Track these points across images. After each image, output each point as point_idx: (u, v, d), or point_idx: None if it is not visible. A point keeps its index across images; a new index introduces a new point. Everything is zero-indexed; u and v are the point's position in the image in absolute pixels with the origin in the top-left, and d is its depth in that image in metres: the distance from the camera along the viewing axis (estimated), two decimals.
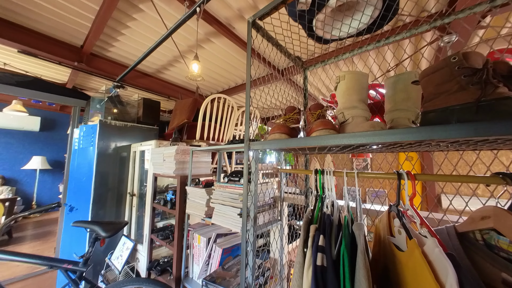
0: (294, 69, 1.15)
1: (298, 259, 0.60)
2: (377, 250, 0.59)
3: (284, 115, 0.83)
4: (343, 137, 0.51)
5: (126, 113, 2.50)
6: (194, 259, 1.35)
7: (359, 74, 0.67)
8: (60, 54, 2.12)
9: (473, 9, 0.66)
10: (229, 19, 1.83)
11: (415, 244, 0.42)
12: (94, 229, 1.21)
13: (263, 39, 0.86)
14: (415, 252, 0.41)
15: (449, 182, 0.49)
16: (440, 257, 0.37)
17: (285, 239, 1.16)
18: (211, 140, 2.00)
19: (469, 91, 0.42)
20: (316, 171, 0.71)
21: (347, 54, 0.99)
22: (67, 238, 2.07)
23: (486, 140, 0.40)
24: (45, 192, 4.60)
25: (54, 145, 4.76)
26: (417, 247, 0.41)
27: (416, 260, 0.40)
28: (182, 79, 3.05)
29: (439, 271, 0.37)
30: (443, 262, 0.36)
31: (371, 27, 0.81)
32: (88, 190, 1.92)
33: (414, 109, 0.64)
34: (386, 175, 0.59)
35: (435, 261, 0.38)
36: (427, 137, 0.39)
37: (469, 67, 0.43)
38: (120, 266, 1.57)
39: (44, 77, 2.90)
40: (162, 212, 2.10)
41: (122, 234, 1.88)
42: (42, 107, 4.52)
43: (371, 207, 0.89)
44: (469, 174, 0.49)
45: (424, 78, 0.51)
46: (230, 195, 1.07)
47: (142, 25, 1.94)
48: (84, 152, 2.08)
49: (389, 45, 0.91)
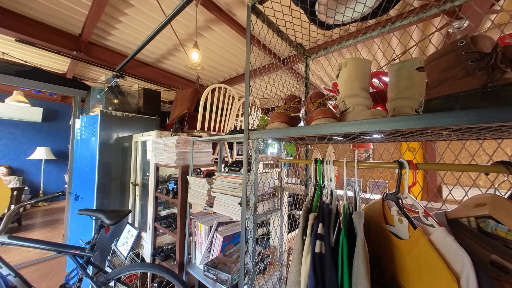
0: (296, 58, 1.12)
1: (297, 246, 0.61)
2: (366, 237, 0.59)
3: (284, 104, 0.82)
4: (342, 125, 0.50)
5: (126, 104, 2.49)
6: (196, 246, 1.39)
7: (362, 61, 0.65)
8: (58, 43, 2.09)
9: None
10: (229, 5, 1.76)
11: (421, 233, 0.42)
12: (99, 216, 1.25)
13: (263, 25, 0.83)
14: (422, 240, 0.41)
15: (450, 173, 0.49)
16: (454, 246, 0.36)
17: (284, 228, 1.18)
18: (212, 130, 2.00)
19: (475, 77, 0.40)
20: (316, 161, 0.71)
21: (351, 41, 0.95)
22: (74, 225, 2.14)
23: (489, 128, 0.39)
24: (52, 182, 4.71)
25: (57, 135, 4.81)
26: (423, 235, 0.41)
27: (424, 248, 0.40)
28: (182, 69, 3.01)
29: (450, 260, 0.36)
30: (457, 251, 0.35)
31: (376, 11, 0.77)
32: (92, 180, 1.96)
33: (417, 97, 0.63)
34: (387, 164, 0.58)
35: (445, 250, 0.38)
36: (429, 124, 0.38)
37: (477, 52, 0.41)
38: (125, 252, 1.63)
39: (43, 67, 2.87)
40: (165, 201, 2.15)
41: (126, 222, 1.93)
42: (43, 98, 4.52)
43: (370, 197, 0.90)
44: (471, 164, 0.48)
45: (429, 64, 0.49)
46: (230, 184, 1.08)
47: (140, 12, 1.88)
48: (86, 142, 2.10)
49: (394, 31, 0.88)
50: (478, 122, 0.33)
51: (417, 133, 0.53)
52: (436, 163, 0.51)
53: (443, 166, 0.50)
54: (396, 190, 0.51)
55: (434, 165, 0.51)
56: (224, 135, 1.15)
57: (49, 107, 4.67)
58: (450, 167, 0.49)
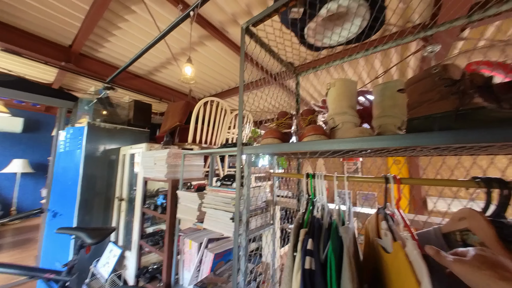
0: (287, 74, 1.17)
1: (288, 263, 0.60)
2: (367, 251, 0.60)
3: (276, 120, 0.84)
4: (333, 143, 0.52)
5: (116, 115, 2.44)
6: (184, 265, 1.32)
7: (349, 81, 0.70)
8: (47, 54, 2.05)
9: (452, 23, 0.71)
10: (222, 23, 1.85)
11: (399, 246, 0.44)
12: (80, 235, 1.17)
13: (256, 45, 0.88)
14: (399, 253, 0.43)
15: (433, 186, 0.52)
16: (418, 258, 0.40)
17: (277, 243, 1.16)
18: (204, 143, 1.99)
19: (449, 100, 0.45)
20: (308, 175, 0.73)
21: (338, 61, 1.02)
22: (49, 245, 1.97)
23: (464, 147, 0.43)
24: (27, 197, 4.36)
25: (37, 147, 4.55)
26: (401, 249, 0.43)
27: (401, 261, 0.42)
28: (174, 81, 3.03)
29: (417, 271, 0.40)
30: (419, 263, 0.39)
31: (360, 37, 0.85)
32: (73, 195, 1.85)
33: (400, 116, 0.67)
34: (374, 179, 0.61)
35: (413, 261, 0.41)
36: (412, 143, 0.41)
37: (449, 78, 0.45)
38: (106, 274, 1.51)
39: (28, 77, 2.78)
40: (152, 217, 2.05)
41: (109, 241, 1.81)
42: (26, 108, 4.33)
43: (361, 210, 0.92)
44: (450, 178, 0.52)
45: (409, 86, 0.53)
46: (222, 199, 1.06)
47: (134, 27, 1.91)
48: (70, 155, 2.00)
49: (376, 54, 0.95)
50: (454, 143, 0.37)
51: (401, 150, 0.56)
52: (419, 178, 0.54)
53: (426, 181, 0.53)
54: (384, 204, 0.53)
55: (417, 180, 0.54)
56: (216, 149, 1.15)
57: (31, 117, 4.45)
58: (431, 182, 0.52)
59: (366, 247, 0.62)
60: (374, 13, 0.71)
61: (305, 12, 0.73)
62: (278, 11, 0.70)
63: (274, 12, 0.71)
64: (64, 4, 1.64)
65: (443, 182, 0.49)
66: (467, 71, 0.47)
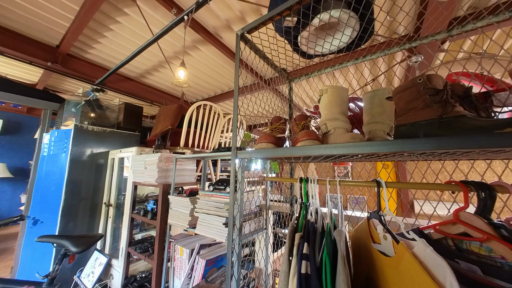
0: (280, 80, 1.20)
1: (284, 268, 0.60)
2: (358, 260, 0.60)
3: (270, 125, 0.85)
4: (326, 148, 0.54)
5: (105, 118, 2.37)
6: (175, 273, 1.28)
7: (340, 89, 0.73)
8: (32, 53, 1.98)
9: (434, 36, 0.76)
10: (216, 28, 1.86)
11: (404, 247, 0.43)
12: (63, 244, 1.11)
13: (250, 51, 0.89)
14: (406, 254, 0.42)
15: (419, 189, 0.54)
16: (433, 256, 0.38)
17: (270, 248, 1.16)
18: (196, 147, 1.97)
19: (433, 109, 0.48)
20: (301, 180, 0.74)
21: (329, 69, 1.06)
22: (28, 255, 1.85)
23: (447, 152, 0.46)
24: (3, 204, 4.09)
25: (17, 150, 4.30)
26: (406, 249, 0.42)
27: (408, 262, 0.41)
28: (167, 85, 2.99)
29: (433, 270, 0.37)
30: (438, 261, 0.37)
31: (350, 46, 0.88)
32: (57, 201, 1.76)
33: (388, 122, 0.70)
34: (366, 183, 0.63)
35: (427, 261, 0.39)
36: (400, 149, 0.44)
37: (432, 88, 0.49)
38: (90, 284, 1.43)
39: (10, 76, 2.65)
40: (141, 223, 1.98)
41: (94, 249, 1.73)
42: (5, 109, 4.10)
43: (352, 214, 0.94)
44: (436, 182, 0.55)
45: (396, 95, 0.56)
46: (215, 204, 1.05)
47: (126, 29, 1.89)
48: (54, 158, 1.91)
49: (365, 62, 1.00)
50: (438, 148, 0.39)
51: (390, 155, 0.58)
52: (406, 182, 0.57)
53: (413, 185, 0.55)
54: (378, 208, 0.55)
55: (405, 184, 0.57)
56: (209, 153, 1.14)
57: (11, 118, 4.22)
58: (418, 185, 0.55)
59: (356, 257, 0.61)
60: (364, 24, 0.75)
61: (298, 21, 0.75)
62: (273, 19, 0.72)
63: (269, 20, 0.73)
64: (52, 4, 1.60)
65: (429, 186, 0.52)
66: (448, 82, 0.50)
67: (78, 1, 1.58)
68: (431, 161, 0.74)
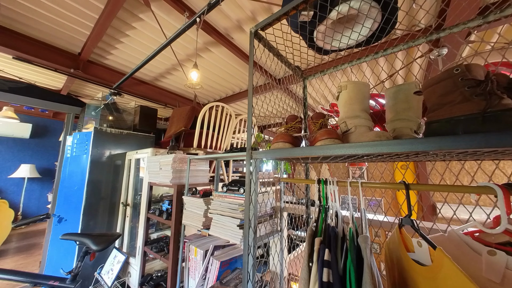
0: (293, 78, 1.16)
1: (303, 274, 0.57)
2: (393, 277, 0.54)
3: (285, 124, 0.82)
4: (349, 147, 0.50)
5: (122, 121, 2.46)
6: (190, 273, 1.28)
7: (361, 84, 0.68)
8: (57, 61, 2.10)
9: (467, 24, 0.69)
10: (228, 29, 1.87)
11: (442, 253, 0.39)
12: (85, 242, 1.15)
13: (264, 49, 0.87)
14: (445, 262, 0.38)
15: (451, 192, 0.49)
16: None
17: (285, 251, 1.12)
18: (209, 148, 1.98)
19: (473, 102, 0.42)
20: (319, 181, 0.70)
21: (346, 65, 1.01)
22: (54, 251, 1.96)
23: (494, 151, 0.40)
24: (33, 202, 4.40)
25: (44, 152, 4.62)
26: (445, 255, 0.38)
27: (450, 271, 0.37)
28: (179, 87, 3.06)
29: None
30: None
31: (370, 39, 0.83)
32: (79, 200, 1.85)
33: (415, 119, 0.65)
34: (391, 185, 0.58)
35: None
36: (436, 147, 0.39)
37: (472, 79, 0.43)
38: (110, 281, 1.48)
39: (38, 84, 2.85)
40: (157, 223, 2.03)
41: (113, 247, 1.79)
42: (34, 114, 4.42)
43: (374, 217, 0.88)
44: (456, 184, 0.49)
45: (427, 88, 0.51)
46: (229, 205, 1.04)
47: (141, 34, 1.95)
48: (77, 160, 2.02)
49: (386, 57, 0.94)
50: (485, 146, 0.34)
51: (421, 154, 0.53)
52: (438, 185, 0.51)
53: (445, 187, 0.50)
54: (409, 213, 0.50)
55: (436, 186, 0.51)
56: (223, 153, 1.13)
57: (39, 123, 4.54)
58: (451, 188, 0.50)
59: (391, 271, 0.55)
60: (386, 14, 0.70)
61: (314, 15, 0.72)
62: (288, 14, 0.70)
63: (284, 15, 0.71)
64: (74, 13, 1.69)
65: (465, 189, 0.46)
66: (490, 71, 0.45)
67: (97, 9, 1.65)
68: (449, 161, 0.67)
